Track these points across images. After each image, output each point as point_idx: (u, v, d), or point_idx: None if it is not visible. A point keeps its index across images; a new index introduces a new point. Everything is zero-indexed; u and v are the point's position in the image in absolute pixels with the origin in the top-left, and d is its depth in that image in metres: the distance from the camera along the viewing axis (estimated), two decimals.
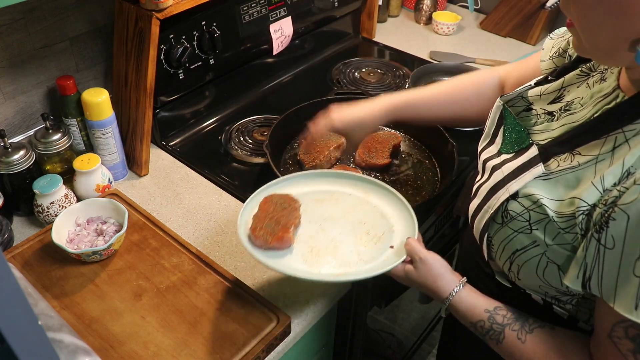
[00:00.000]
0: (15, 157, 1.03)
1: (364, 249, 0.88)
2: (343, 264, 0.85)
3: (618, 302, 0.61)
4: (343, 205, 0.95)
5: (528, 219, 0.70)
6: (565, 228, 0.66)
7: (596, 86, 0.73)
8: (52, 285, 0.94)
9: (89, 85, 1.19)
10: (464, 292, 0.79)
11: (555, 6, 1.74)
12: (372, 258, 0.86)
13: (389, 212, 0.94)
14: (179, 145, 1.31)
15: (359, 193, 0.98)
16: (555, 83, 0.80)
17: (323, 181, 1.00)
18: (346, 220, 0.93)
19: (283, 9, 1.42)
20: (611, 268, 0.61)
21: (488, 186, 0.78)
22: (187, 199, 1.16)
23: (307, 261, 0.86)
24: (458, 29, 1.88)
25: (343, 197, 0.97)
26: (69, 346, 0.77)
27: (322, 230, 0.91)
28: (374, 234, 0.90)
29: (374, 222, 0.92)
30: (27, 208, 1.08)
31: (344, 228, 0.91)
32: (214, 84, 1.36)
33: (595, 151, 0.66)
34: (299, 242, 0.88)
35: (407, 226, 0.91)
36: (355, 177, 1.00)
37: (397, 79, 1.60)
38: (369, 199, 0.97)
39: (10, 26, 1.04)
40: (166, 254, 1.00)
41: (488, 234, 0.77)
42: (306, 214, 0.92)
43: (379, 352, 1.51)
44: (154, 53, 1.08)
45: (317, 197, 0.97)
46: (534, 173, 0.70)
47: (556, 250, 0.68)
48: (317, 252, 0.87)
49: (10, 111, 1.12)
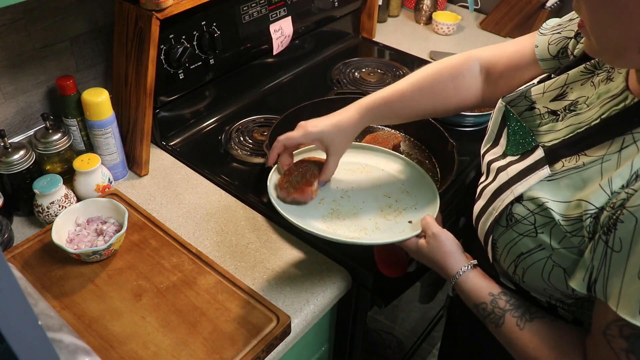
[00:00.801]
0: (15, 157, 1.03)
1: (383, 220, 0.91)
2: (359, 229, 0.89)
3: (622, 305, 0.60)
4: (373, 178, 1.00)
5: (533, 222, 0.70)
6: (572, 231, 0.66)
7: (602, 86, 0.72)
8: (52, 285, 0.94)
9: (89, 85, 1.19)
10: (472, 273, 0.80)
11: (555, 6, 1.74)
12: (389, 228, 0.89)
13: (416, 192, 0.98)
14: (179, 145, 1.31)
15: (391, 169, 1.03)
16: (559, 79, 0.79)
17: (360, 153, 1.06)
18: (372, 192, 0.97)
19: (283, 9, 1.42)
20: (617, 271, 0.60)
21: (493, 188, 0.77)
22: (187, 199, 1.16)
23: (326, 221, 0.90)
24: (458, 29, 1.88)
25: (375, 170, 1.03)
26: (69, 346, 0.77)
27: (347, 197, 0.95)
28: (396, 208, 0.94)
29: (399, 197, 0.97)
30: (27, 208, 1.08)
31: (369, 198, 0.96)
32: (214, 84, 1.36)
33: (601, 152, 0.66)
34: (323, 204, 0.93)
35: (430, 207, 0.94)
36: (391, 154, 1.05)
37: (397, 79, 1.58)
38: (400, 176, 1.02)
39: (10, 26, 1.04)
40: (166, 254, 1.00)
41: (493, 237, 0.76)
42: (335, 180, 0.97)
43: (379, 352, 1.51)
44: (154, 53, 1.08)
45: (350, 168, 1.02)
46: (539, 175, 0.70)
47: (562, 254, 0.68)
48: (337, 214, 0.92)
49: (10, 111, 1.12)
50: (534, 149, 0.74)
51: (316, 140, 0.92)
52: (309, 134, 0.91)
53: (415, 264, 0.97)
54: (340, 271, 1.01)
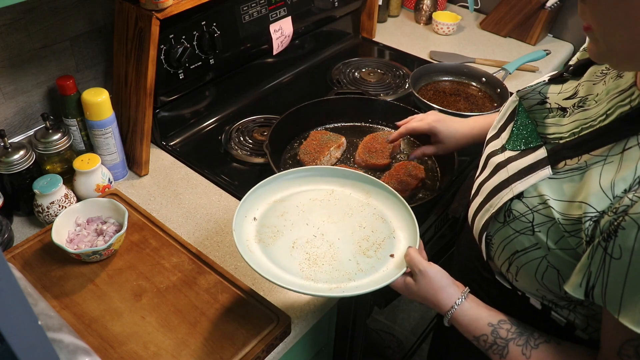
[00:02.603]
0: (15, 157, 1.03)
1: (363, 257, 0.84)
2: (341, 275, 0.82)
3: (623, 313, 0.59)
4: (343, 207, 0.93)
5: (531, 220, 0.69)
6: (570, 231, 0.65)
7: (612, 82, 0.71)
8: (52, 285, 0.94)
9: (89, 85, 1.19)
10: (467, 304, 0.77)
11: (555, 6, 1.73)
12: (372, 268, 0.83)
13: (390, 215, 0.92)
14: (179, 145, 1.31)
15: (359, 193, 0.96)
16: (574, 81, 0.78)
17: (323, 179, 0.97)
18: (346, 223, 0.90)
19: (283, 9, 1.42)
20: (616, 279, 0.59)
21: (491, 185, 0.77)
22: (187, 199, 1.16)
23: (304, 270, 0.82)
24: (458, 29, 1.88)
25: (343, 197, 0.95)
26: (69, 346, 0.77)
27: (321, 235, 0.88)
28: (374, 240, 0.87)
29: (375, 227, 0.90)
30: (27, 208, 1.08)
31: (344, 232, 0.89)
32: (214, 84, 1.36)
33: (604, 151, 0.65)
34: (297, 248, 0.86)
35: (409, 232, 0.88)
36: (356, 176, 0.97)
37: (397, 79, 1.60)
38: (370, 200, 0.95)
39: (10, 26, 1.04)
40: (166, 254, 1.00)
41: (487, 233, 0.76)
42: (304, 215, 0.91)
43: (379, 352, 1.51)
44: (154, 53, 1.08)
45: (316, 197, 0.95)
46: (540, 175, 0.69)
47: (558, 255, 0.67)
48: (314, 259, 0.84)
49: (10, 111, 1.12)
50: (536, 147, 0.73)
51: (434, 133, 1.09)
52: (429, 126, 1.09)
53: None
54: None
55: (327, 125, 1.34)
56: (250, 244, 0.85)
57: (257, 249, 0.85)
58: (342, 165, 1.19)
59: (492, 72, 1.53)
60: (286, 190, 0.95)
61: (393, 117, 1.34)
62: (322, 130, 1.32)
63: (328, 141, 1.22)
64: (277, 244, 0.86)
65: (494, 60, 1.68)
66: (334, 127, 1.34)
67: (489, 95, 1.49)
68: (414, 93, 1.42)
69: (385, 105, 1.35)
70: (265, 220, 0.90)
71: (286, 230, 0.88)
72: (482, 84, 1.52)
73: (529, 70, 1.64)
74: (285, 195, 0.95)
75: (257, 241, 0.86)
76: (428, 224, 1.14)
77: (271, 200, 0.93)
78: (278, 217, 0.90)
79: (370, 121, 1.36)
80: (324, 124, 1.34)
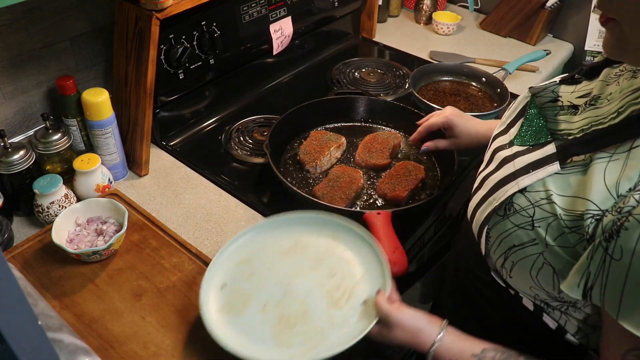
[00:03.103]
0: (15, 157, 1.03)
1: (335, 310, 0.83)
2: (315, 334, 0.80)
3: (623, 315, 0.59)
4: (310, 256, 0.91)
5: (532, 214, 0.68)
6: (572, 227, 0.64)
7: (626, 82, 0.70)
8: (52, 285, 0.94)
9: (89, 85, 1.19)
10: (448, 338, 0.76)
11: (555, 6, 1.73)
12: (344, 321, 0.81)
13: (359, 256, 0.90)
14: (179, 145, 1.31)
15: (326, 237, 0.93)
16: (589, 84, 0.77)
17: (289, 228, 0.95)
18: (315, 274, 0.88)
19: (283, 9, 1.42)
20: (616, 280, 0.59)
21: (496, 178, 0.75)
22: (187, 199, 1.16)
23: (277, 336, 0.81)
24: (458, 29, 1.88)
25: (310, 244, 0.93)
26: (69, 346, 0.77)
27: (291, 293, 0.86)
28: (345, 288, 0.85)
29: (344, 272, 0.87)
30: (27, 208, 1.08)
31: (313, 285, 0.86)
32: (214, 84, 1.36)
33: (610, 149, 0.64)
34: (268, 311, 0.83)
35: (379, 273, 0.86)
36: (321, 220, 0.95)
37: (397, 79, 1.60)
38: (337, 243, 0.92)
39: (10, 26, 1.04)
40: (166, 254, 1.00)
41: (488, 227, 0.75)
42: (273, 273, 0.88)
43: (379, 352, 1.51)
44: (154, 53, 1.08)
45: (282, 250, 0.92)
46: (548, 171, 0.68)
47: (555, 252, 0.66)
48: (286, 322, 0.82)
49: (10, 111, 1.12)
50: (545, 143, 0.72)
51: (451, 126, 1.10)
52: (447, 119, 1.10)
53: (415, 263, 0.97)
54: None
55: (327, 125, 1.34)
56: (220, 317, 0.83)
57: (227, 322, 0.83)
58: (342, 165, 1.19)
59: (492, 72, 1.53)
60: (252, 247, 0.93)
61: (393, 117, 1.35)
62: (322, 130, 1.32)
63: (328, 141, 1.22)
64: (248, 311, 0.84)
65: (494, 60, 1.68)
66: (334, 127, 1.34)
67: (489, 95, 1.49)
68: (414, 93, 1.42)
69: (385, 105, 1.35)
70: (235, 286, 0.87)
71: (255, 293, 0.86)
72: (482, 84, 1.52)
73: (529, 70, 1.64)
74: (252, 252, 0.92)
75: (227, 312, 0.84)
76: (428, 224, 1.14)
77: (238, 262, 0.91)
78: (247, 279, 0.88)
79: (370, 121, 1.36)
80: (324, 124, 1.34)
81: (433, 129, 1.14)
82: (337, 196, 1.08)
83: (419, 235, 1.11)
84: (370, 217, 0.99)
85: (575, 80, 0.80)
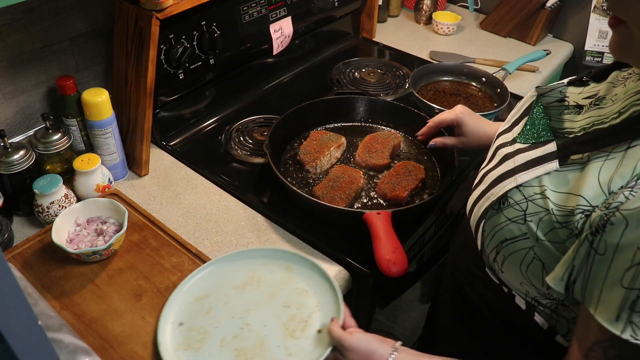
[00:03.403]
0: (15, 157, 1.03)
1: (291, 340, 0.85)
2: None
3: (600, 310, 0.59)
4: (265, 289, 0.93)
5: (525, 209, 0.69)
6: (562, 222, 0.65)
7: (632, 84, 0.71)
8: (52, 285, 0.94)
9: (89, 85, 1.19)
10: (401, 356, 0.76)
11: (555, 6, 1.73)
12: (301, 350, 0.83)
13: (313, 286, 0.92)
14: (179, 145, 1.31)
15: (280, 270, 0.96)
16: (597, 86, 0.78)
17: (243, 262, 0.97)
18: (270, 306, 0.90)
19: (283, 9, 1.42)
20: (597, 274, 0.59)
21: (496, 174, 0.76)
22: (187, 199, 1.16)
23: None
24: (458, 29, 1.88)
25: (264, 277, 0.95)
26: (69, 346, 0.77)
27: (247, 326, 0.87)
28: (300, 318, 0.87)
29: (299, 303, 0.90)
30: (27, 208, 1.08)
31: (269, 317, 0.88)
32: (214, 84, 1.36)
33: (609, 148, 0.64)
34: (225, 346, 0.84)
35: (332, 302, 0.89)
36: (274, 252, 0.97)
37: (397, 79, 1.60)
38: (291, 275, 0.95)
39: (10, 26, 1.04)
40: (166, 254, 1.00)
41: (484, 221, 0.75)
42: (229, 308, 0.89)
43: None
44: (154, 53, 1.08)
45: (237, 284, 0.93)
46: (547, 168, 0.68)
47: (545, 247, 0.67)
48: (244, 354, 0.83)
49: (10, 111, 1.12)
50: (547, 141, 0.73)
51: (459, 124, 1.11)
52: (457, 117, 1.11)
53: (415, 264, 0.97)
54: (340, 271, 1.01)
55: (327, 125, 1.34)
56: (178, 355, 0.83)
57: (186, 359, 0.83)
58: (342, 165, 1.19)
59: (492, 72, 1.53)
60: (209, 283, 0.94)
61: (393, 117, 1.35)
62: (322, 130, 1.32)
63: (328, 141, 1.22)
64: (206, 347, 0.84)
65: (494, 60, 1.68)
66: (334, 127, 1.34)
67: (489, 95, 1.49)
68: (414, 93, 1.41)
69: (385, 105, 1.35)
70: (192, 323, 0.88)
71: (213, 328, 0.86)
72: (482, 84, 1.52)
73: (529, 70, 1.64)
74: (209, 289, 0.93)
75: (185, 349, 0.84)
76: (428, 224, 1.14)
77: (195, 299, 0.91)
78: (204, 315, 0.88)
79: (370, 121, 1.36)
80: (324, 124, 1.34)
81: (443, 125, 1.15)
82: (337, 196, 1.08)
83: (419, 235, 1.11)
84: (370, 217, 0.99)
85: (583, 83, 0.80)
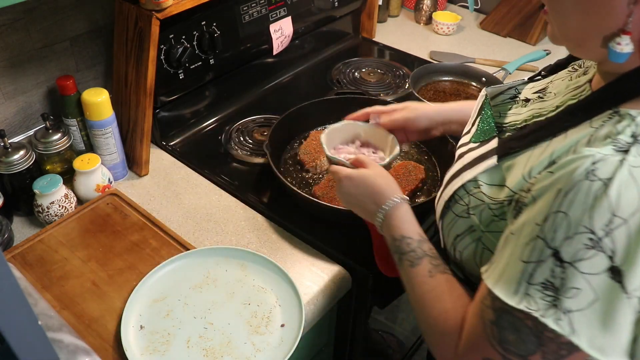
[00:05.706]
0: (15, 157, 1.03)
1: (257, 336, 0.86)
2: None
3: (499, 286, 0.60)
4: (222, 287, 0.93)
5: (467, 203, 0.71)
6: (498, 215, 0.67)
7: (574, 79, 0.73)
8: (52, 285, 0.94)
9: (89, 85, 1.19)
10: (406, 206, 0.81)
11: None
12: (267, 345, 0.85)
13: (270, 282, 0.94)
14: (179, 145, 1.31)
15: (234, 268, 0.97)
16: (547, 79, 0.80)
17: (197, 260, 0.97)
18: (230, 304, 0.90)
19: (283, 9, 1.42)
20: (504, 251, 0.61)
21: (450, 174, 0.79)
22: (187, 199, 1.16)
23: None
24: (458, 29, 1.88)
25: (219, 276, 0.95)
26: (69, 346, 0.77)
27: (210, 325, 0.87)
28: (262, 314, 0.89)
29: (259, 299, 0.91)
30: (27, 208, 1.08)
31: (231, 315, 0.89)
32: (214, 84, 1.36)
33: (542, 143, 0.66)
34: (192, 346, 0.84)
35: (291, 294, 0.91)
36: (225, 251, 0.98)
37: (397, 79, 1.60)
38: (246, 272, 0.96)
39: (10, 26, 1.04)
40: (166, 254, 1.00)
41: (442, 221, 0.77)
42: (189, 308, 0.90)
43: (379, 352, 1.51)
44: (154, 53, 1.08)
45: (194, 284, 0.94)
46: (487, 165, 0.70)
47: (489, 238, 0.69)
48: (212, 353, 0.84)
49: (10, 111, 1.12)
50: (491, 138, 0.75)
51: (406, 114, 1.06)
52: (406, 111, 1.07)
53: None
54: (340, 271, 1.01)
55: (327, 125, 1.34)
56: (145, 359, 0.83)
57: None
58: None
59: (492, 72, 1.53)
60: (164, 285, 0.94)
61: None
62: (322, 130, 1.32)
63: None
64: (173, 349, 0.84)
65: (494, 60, 1.68)
66: None
67: None
68: (414, 93, 1.41)
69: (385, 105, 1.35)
70: (153, 326, 0.87)
71: (176, 330, 0.87)
72: (482, 84, 1.52)
73: (529, 70, 1.64)
74: (165, 290, 0.93)
75: (150, 353, 0.84)
76: (428, 224, 1.14)
77: (153, 301, 0.91)
78: (164, 318, 0.88)
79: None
80: (324, 124, 1.34)
81: (396, 125, 1.07)
82: (337, 196, 1.08)
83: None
84: None
85: (544, 77, 0.82)
